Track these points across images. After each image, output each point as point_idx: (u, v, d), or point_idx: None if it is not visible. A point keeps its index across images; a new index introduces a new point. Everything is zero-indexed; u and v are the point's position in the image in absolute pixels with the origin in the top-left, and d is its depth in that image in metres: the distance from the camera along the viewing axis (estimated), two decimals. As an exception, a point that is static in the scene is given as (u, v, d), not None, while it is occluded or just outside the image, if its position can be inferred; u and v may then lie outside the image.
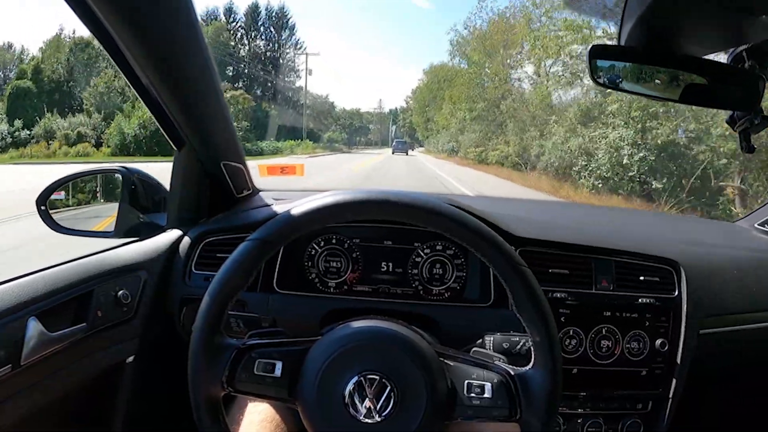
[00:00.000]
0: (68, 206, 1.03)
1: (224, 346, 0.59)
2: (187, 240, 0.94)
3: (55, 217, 0.96)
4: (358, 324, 0.62)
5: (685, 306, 0.92)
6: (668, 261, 0.94)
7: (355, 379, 0.56)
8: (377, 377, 0.56)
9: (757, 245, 1.13)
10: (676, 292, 0.93)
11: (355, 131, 58.33)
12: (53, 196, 0.98)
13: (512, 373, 0.59)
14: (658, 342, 0.91)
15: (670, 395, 0.92)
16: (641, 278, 0.92)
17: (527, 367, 0.59)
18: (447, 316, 0.90)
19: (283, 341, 0.62)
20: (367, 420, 0.56)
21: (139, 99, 0.81)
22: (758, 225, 1.16)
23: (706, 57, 0.77)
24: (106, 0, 0.62)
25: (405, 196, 0.59)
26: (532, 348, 0.59)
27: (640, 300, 0.91)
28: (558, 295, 0.90)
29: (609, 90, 0.83)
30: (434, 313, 0.90)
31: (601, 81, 0.76)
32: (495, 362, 0.61)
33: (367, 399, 0.56)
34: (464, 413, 0.58)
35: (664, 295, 0.92)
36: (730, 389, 1.00)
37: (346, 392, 0.56)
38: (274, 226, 0.59)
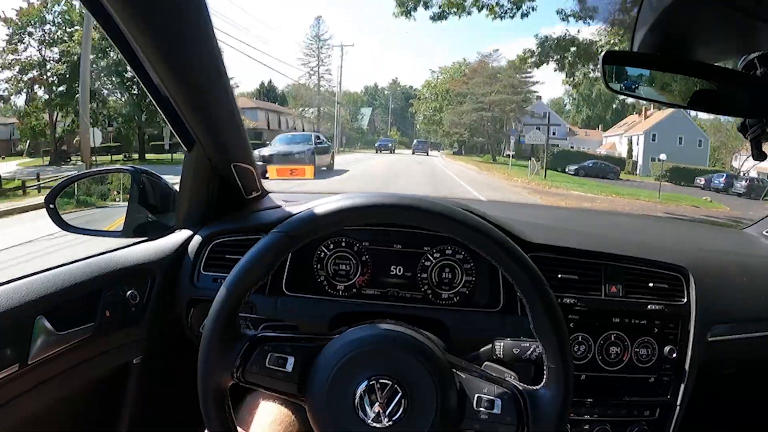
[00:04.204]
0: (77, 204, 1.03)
1: (238, 335, 0.59)
2: (196, 241, 0.94)
3: (63, 215, 0.96)
4: (374, 327, 0.61)
5: (694, 313, 0.91)
6: (677, 268, 0.94)
7: (367, 382, 0.56)
8: (389, 382, 0.56)
9: (766, 252, 1.12)
10: (685, 299, 0.92)
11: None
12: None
13: (523, 390, 0.59)
14: (667, 349, 0.90)
15: (678, 402, 0.92)
16: (650, 285, 0.92)
17: (539, 386, 0.59)
18: (456, 321, 0.90)
19: (297, 336, 0.62)
20: (375, 424, 0.55)
21: (151, 98, 0.81)
22: (766, 233, 1.16)
23: (718, 64, 0.77)
24: (120, 1, 0.62)
25: (433, 204, 0.58)
26: (545, 368, 0.59)
27: (649, 306, 0.91)
28: (567, 301, 0.89)
29: (622, 96, 0.83)
30: (443, 317, 0.90)
31: (614, 87, 0.76)
32: (506, 378, 0.61)
33: (377, 403, 0.56)
34: (472, 426, 0.58)
35: (672, 302, 0.92)
36: (738, 397, 0.99)
37: (357, 395, 0.56)
38: (300, 221, 0.59)
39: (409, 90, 48.49)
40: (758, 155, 0.82)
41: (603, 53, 0.74)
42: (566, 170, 21.63)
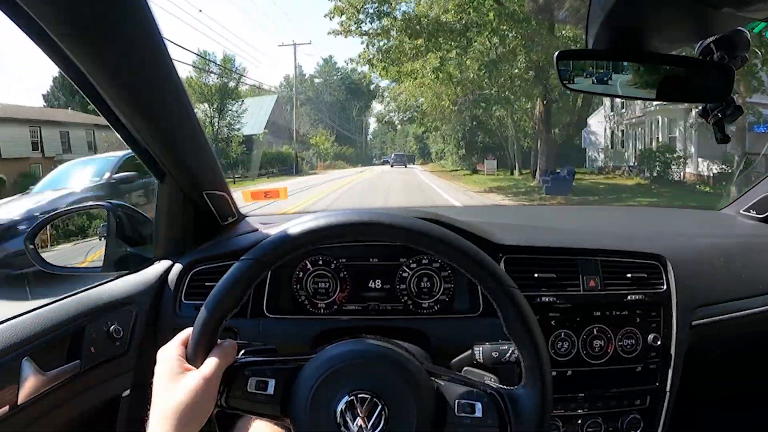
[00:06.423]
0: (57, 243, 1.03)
1: None
2: (175, 271, 0.94)
3: (43, 254, 0.97)
4: (349, 343, 0.62)
5: (675, 299, 0.92)
6: (654, 256, 0.94)
7: (347, 397, 0.57)
8: (368, 396, 0.57)
9: (744, 231, 1.13)
10: (665, 286, 0.93)
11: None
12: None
13: (502, 392, 0.59)
14: (651, 337, 0.91)
15: (667, 389, 0.93)
16: (628, 275, 0.93)
17: (517, 386, 0.60)
18: (437, 329, 0.90)
19: (276, 359, 0.63)
20: None
21: (117, 134, 0.82)
22: (743, 211, 1.17)
23: (675, 53, 0.78)
24: (75, 38, 0.62)
25: (394, 218, 0.59)
26: (522, 368, 0.59)
27: (629, 297, 0.91)
28: (546, 299, 0.90)
29: (581, 93, 0.83)
30: (424, 326, 0.91)
31: (571, 86, 0.76)
32: (485, 381, 0.62)
33: (358, 417, 0.56)
34: (455, 431, 0.58)
35: (652, 291, 0.93)
36: (727, 377, 1.00)
37: (338, 411, 0.57)
38: (268, 246, 0.59)
39: (351, 74, 31.47)
40: (722, 138, 0.82)
41: (557, 52, 0.75)
42: None
